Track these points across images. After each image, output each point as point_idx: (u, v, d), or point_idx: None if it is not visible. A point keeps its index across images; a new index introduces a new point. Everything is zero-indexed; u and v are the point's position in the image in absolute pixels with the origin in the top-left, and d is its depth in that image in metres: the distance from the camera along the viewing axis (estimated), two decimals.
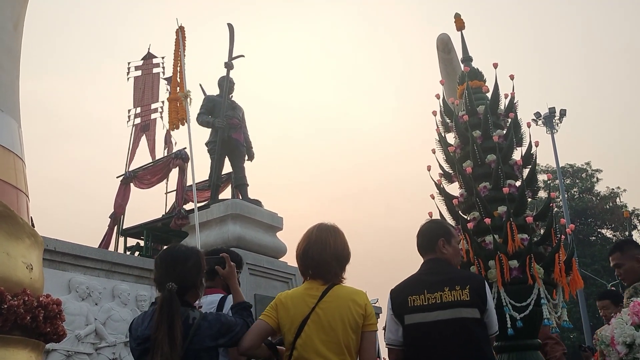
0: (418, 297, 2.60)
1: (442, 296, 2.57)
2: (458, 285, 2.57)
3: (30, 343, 3.57)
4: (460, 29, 5.19)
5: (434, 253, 2.77)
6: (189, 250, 2.61)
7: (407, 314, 2.59)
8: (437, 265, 2.74)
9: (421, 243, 2.86)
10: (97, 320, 6.59)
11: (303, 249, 2.54)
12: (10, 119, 3.90)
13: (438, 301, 2.56)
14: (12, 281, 3.45)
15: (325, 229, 2.58)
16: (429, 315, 2.56)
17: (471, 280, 2.65)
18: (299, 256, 2.56)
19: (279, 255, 9.85)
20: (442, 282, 2.61)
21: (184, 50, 7.72)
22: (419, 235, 2.88)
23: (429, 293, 2.59)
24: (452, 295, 2.56)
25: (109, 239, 10.96)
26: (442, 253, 2.75)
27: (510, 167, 4.55)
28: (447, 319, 2.53)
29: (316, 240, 2.53)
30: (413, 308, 2.60)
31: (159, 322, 2.27)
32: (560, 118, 23.10)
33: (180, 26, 7.93)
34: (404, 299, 2.63)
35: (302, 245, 2.56)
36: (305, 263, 2.54)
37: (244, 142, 10.29)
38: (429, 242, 2.81)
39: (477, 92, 4.91)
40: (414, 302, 2.60)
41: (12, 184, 3.77)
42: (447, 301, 2.56)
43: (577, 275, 4.17)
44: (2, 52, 3.89)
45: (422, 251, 2.85)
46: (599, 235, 32.02)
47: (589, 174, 32.81)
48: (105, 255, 7.26)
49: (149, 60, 13.44)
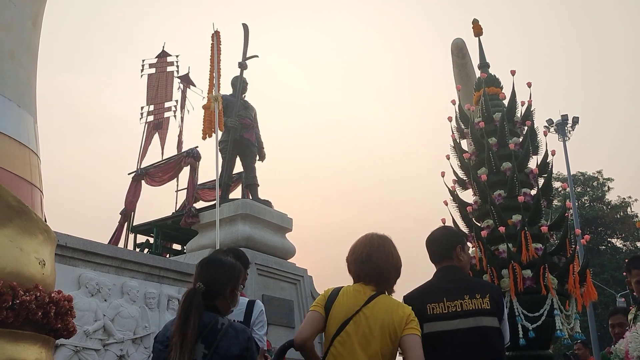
0: (437, 305, 2.56)
1: (462, 304, 2.53)
2: (478, 294, 2.54)
3: (41, 339, 3.57)
4: (478, 34, 5.14)
5: (450, 260, 2.73)
6: (228, 260, 2.66)
7: (426, 322, 2.54)
8: (453, 273, 2.70)
9: (437, 250, 2.81)
10: (105, 316, 6.60)
11: (366, 254, 2.53)
12: (26, 114, 3.91)
13: (459, 309, 2.53)
14: (25, 276, 3.45)
15: (385, 239, 2.61)
16: (450, 323, 2.52)
17: (490, 289, 2.62)
18: (360, 260, 2.55)
19: (288, 256, 9.84)
20: (462, 290, 2.58)
21: (218, 54, 7.79)
22: (434, 242, 2.83)
23: (449, 301, 2.55)
24: (472, 303, 2.53)
25: (119, 235, 10.99)
26: (458, 260, 2.72)
27: (526, 176, 4.51)
28: (469, 327, 2.50)
29: (379, 248, 2.54)
30: (433, 316, 2.55)
31: (177, 317, 2.31)
32: (573, 125, 22.94)
33: (215, 31, 7.98)
34: (422, 307, 2.58)
35: (363, 250, 2.56)
36: (365, 268, 2.52)
37: (255, 142, 10.30)
38: (446, 249, 2.77)
39: (494, 98, 4.87)
40: (433, 310, 2.56)
41: (27, 179, 3.78)
42: (469, 309, 2.52)
43: (592, 287, 4.12)
44: (21, 49, 3.90)
45: (437, 258, 2.80)
46: (608, 244, 31.77)
47: (600, 182, 32.56)
48: (115, 251, 7.27)
49: (164, 58, 13.48)
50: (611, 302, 25.04)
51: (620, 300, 21.98)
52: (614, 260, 28.61)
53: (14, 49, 3.84)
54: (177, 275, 7.92)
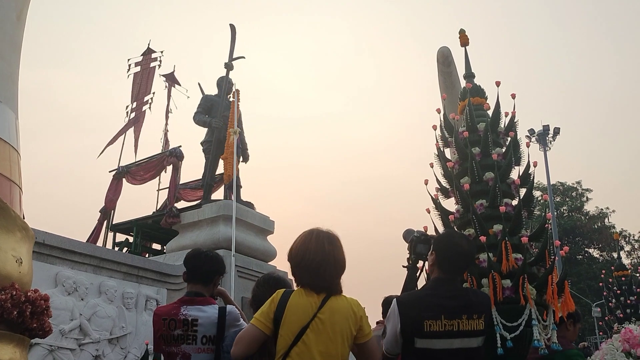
0: (434, 323, 2.51)
1: (459, 324, 2.51)
2: (475, 314, 2.53)
3: (16, 338, 3.51)
4: (464, 44, 5.17)
5: (461, 275, 2.71)
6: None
7: (421, 338, 2.52)
8: (455, 288, 2.67)
9: (462, 266, 2.77)
10: (82, 315, 6.54)
11: (315, 265, 2.40)
12: (7, 110, 3.86)
13: (455, 329, 2.50)
14: (1, 275, 3.40)
15: (325, 236, 2.48)
16: (440, 342, 2.50)
17: (486, 308, 2.62)
18: (296, 264, 2.45)
19: (269, 258, 9.82)
20: (460, 309, 2.55)
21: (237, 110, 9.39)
22: (462, 255, 2.72)
23: (446, 319, 2.52)
24: (469, 324, 2.52)
25: (98, 233, 10.87)
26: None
27: (508, 186, 4.53)
28: (456, 349, 2.50)
29: (329, 256, 2.42)
30: (429, 333, 2.51)
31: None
32: (554, 136, 23.25)
33: (236, 89, 9.50)
34: (419, 322, 2.53)
35: (299, 252, 2.45)
36: (314, 280, 2.41)
37: (239, 143, 10.26)
38: (467, 266, 2.79)
39: (478, 109, 4.90)
40: (430, 327, 2.51)
41: (6, 175, 3.72)
42: (463, 330, 2.51)
43: (569, 297, 4.15)
44: (4, 43, 3.85)
45: (456, 270, 2.73)
46: (585, 254, 32.23)
47: (579, 193, 33.05)
48: (94, 250, 7.20)
49: (148, 55, 13.39)
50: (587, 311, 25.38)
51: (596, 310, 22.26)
52: (591, 270, 29.03)
53: None
54: (156, 275, 7.86)
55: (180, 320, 2.92)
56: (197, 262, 3.11)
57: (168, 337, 2.93)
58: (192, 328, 2.90)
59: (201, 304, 2.98)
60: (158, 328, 2.99)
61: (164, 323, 2.96)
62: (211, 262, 3.13)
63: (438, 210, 4.63)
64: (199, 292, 3.06)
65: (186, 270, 3.15)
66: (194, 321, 2.91)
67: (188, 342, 2.89)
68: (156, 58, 13.45)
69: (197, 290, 3.07)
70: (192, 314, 2.93)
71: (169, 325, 2.93)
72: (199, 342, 2.89)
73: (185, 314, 2.93)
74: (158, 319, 3.01)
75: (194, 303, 2.99)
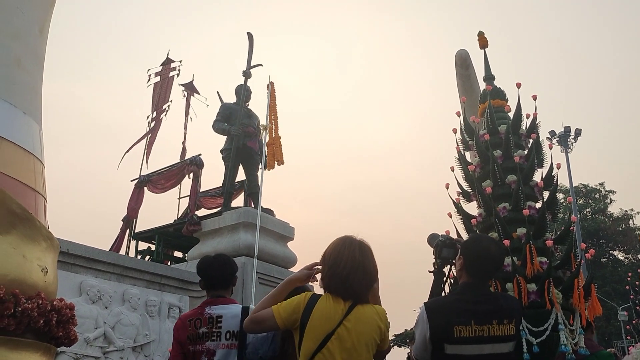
0: (465, 328, 2.47)
1: (490, 329, 2.47)
2: (506, 319, 2.49)
3: (42, 347, 3.55)
4: (483, 47, 5.14)
5: (490, 279, 2.67)
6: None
7: (450, 344, 2.48)
8: (484, 293, 2.64)
9: (492, 270, 2.71)
10: (106, 323, 6.59)
11: (345, 274, 2.39)
12: (32, 121, 3.92)
13: (485, 334, 2.46)
14: (27, 284, 3.44)
15: (357, 245, 2.47)
16: (470, 347, 2.47)
17: (516, 312, 2.57)
18: (338, 279, 2.41)
19: (290, 265, 9.81)
20: (491, 314, 2.50)
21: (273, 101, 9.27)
22: (491, 259, 2.66)
23: (477, 324, 2.47)
24: (500, 329, 2.47)
25: (121, 242, 10.97)
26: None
27: (531, 189, 4.49)
28: (487, 354, 2.47)
29: (359, 267, 2.41)
30: (458, 339, 2.47)
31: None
32: (575, 137, 22.98)
33: (270, 82, 9.39)
34: (448, 328, 2.49)
35: (344, 268, 2.41)
36: (341, 288, 2.39)
37: (258, 150, 10.30)
38: (497, 270, 2.73)
39: (499, 111, 4.86)
40: (460, 332, 2.47)
41: (31, 186, 3.78)
42: (494, 335, 2.47)
43: (596, 301, 4.09)
44: (27, 56, 3.91)
45: (485, 275, 2.69)
46: (610, 257, 31.72)
47: (602, 194, 32.56)
48: (117, 259, 7.27)
49: (167, 65, 13.52)
50: (613, 315, 24.94)
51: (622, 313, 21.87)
52: (616, 273, 28.55)
53: (21, 56, 3.85)
54: (178, 283, 7.90)
55: (205, 318, 3.03)
56: (213, 272, 3.22)
57: (194, 336, 3.02)
58: (216, 325, 3.00)
59: (224, 303, 3.10)
60: (183, 331, 3.07)
61: (189, 324, 3.05)
62: (225, 267, 3.25)
63: (460, 214, 4.60)
64: (220, 295, 3.17)
65: (202, 280, 3.26)
66: (219, 318, 3.01)
67: (212, 339, 2.98)
68: (175, 67, 13.57)
69: (219, 294, 3.17)
70: (216, 312, 3.04)
71: (195, 324, 3.03)
72: (222, 338, 2.98)
73: (210, 312, 3.04)
74: (184, 322, 3.11)
75: (217, 302, 3.10)
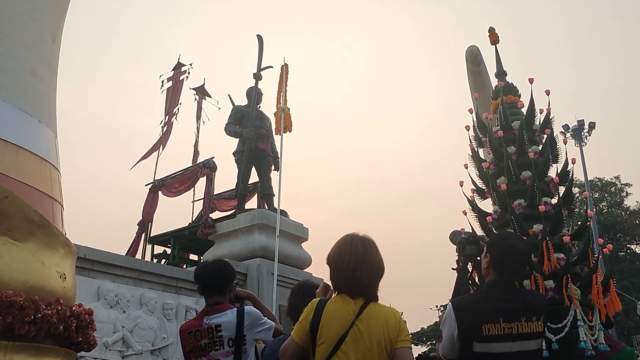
0: (493, 326, 2.45)
1: (518, 327, 2.46)
2: (535, 316, 2.48)
3: (62, 352, 3.59)
4: (494, 42, 5.10)
5: (517, 277, 2.66)
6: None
7: (479, 342, 2.47)
8: (512, 290, 2.62)
9: (519, 268, 2.68)
10: (124, 328, 6.64)
11: (351, 270, 2.39)
12: (47, 129, 3.96)
13: (514, 332, 2.45)
14: (46, 290, 3.48)
15: (359, 240, 2.46)
16: (499, 345, 2.46)
17: (544, 309, 2.56)
18: (344, 275, 2.41)
19: (304, 266, 9.82)
20: (519, 311, 2.49)
21: (286, 82, 9.45)
22: (518, 257, 2.65)
23: (505, 322, 2.46)
24: (528, 326, 2.46)
25: (137, 246, 11.05)
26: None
27: (546, 184, 4.45)
28: (516, 352, 2.45)
29: (363, 261, 2.40)
30: (488, 337, 2.46)
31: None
32: (589, 131, 22.72)
33: (285, 63, 9.53)
34: (477, 326, 2.47)
35: (348, 264, 2.40)
36: (349, 284, 2.39)
37: (270, 152, 10.33)
38: (524, 267, 2.72)
39: (512, 107, 4.82)
40: (489, 331, 2.45)
41: (47, 193, 3.82)
42: (523, 332, 2.45)
43: (615, 296, 4.04)
44: (41, 64, 3.95)
45: (512, 272, 2.66)
46: (628, 251, 31.34)
47: (618, 188, 32.18)
48: (134, 263, 7.31)
49: (179, 69, 13.59)
50: (631, 309, 24.64)
51: None
52: (634, 267, 28.23)
53: (35, 65, 3.89)
54: (194, 286, 7.89)
55: (204, 329, 3.04)
56: (208, 279, 3.23)
57: (196, 348, 3.04)
58: (217, 334, 3.01)
59: (220, 311, 3.09)
60: (185, 343, 3.11)
61: (189, 336, 3.07)
62: (221, 273, 3.26)
63: (475, 212, 4.56)
64: (217, 302, 3.16)
65: (200, 286, 3.27)
66: (217, 327, 3.02)
67: (216, 349, 3.00)
68: (185, 71, 13.65)
69: (216, 300, 3.17)
70: (214, 321, 3.04)
71: (195, 336, 3.05)
72: (225, 346, 2.99)
73: (209, 323, 3.05)
74: (184, 334, 3.13)
75: (214, 312, 3.10)
